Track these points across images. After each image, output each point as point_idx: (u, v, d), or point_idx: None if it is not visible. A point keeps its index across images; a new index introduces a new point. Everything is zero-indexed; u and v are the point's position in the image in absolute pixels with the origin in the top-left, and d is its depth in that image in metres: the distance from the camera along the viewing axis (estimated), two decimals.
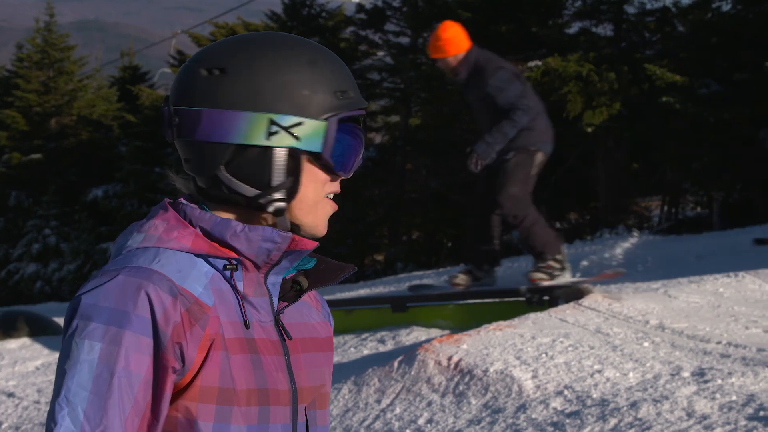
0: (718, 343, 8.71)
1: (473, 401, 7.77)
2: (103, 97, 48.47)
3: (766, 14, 26.43)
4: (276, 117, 2.18)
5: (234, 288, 2.19)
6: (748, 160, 27.01)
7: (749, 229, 23.85)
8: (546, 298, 10.82)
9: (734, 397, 6.79)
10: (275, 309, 2.25)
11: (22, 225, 46.13)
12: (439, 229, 35.38)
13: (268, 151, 2.20)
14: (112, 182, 44.64)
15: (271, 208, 2.22)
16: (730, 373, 7.40)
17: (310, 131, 2.20)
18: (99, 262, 43.53)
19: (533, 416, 7.19)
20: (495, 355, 8.38)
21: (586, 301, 10.23)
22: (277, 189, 2.22)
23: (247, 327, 2.17)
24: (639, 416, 6.67)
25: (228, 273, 2.19)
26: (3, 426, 10.37)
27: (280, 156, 2.20)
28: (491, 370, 8.07)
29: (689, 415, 6.57)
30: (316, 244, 2.21)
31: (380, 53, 39.33)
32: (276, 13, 40.16)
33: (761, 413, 6.31)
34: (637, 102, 28.51)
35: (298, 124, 2.20)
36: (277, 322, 2.25)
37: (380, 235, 36.21)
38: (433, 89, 33.50)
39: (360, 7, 38.19)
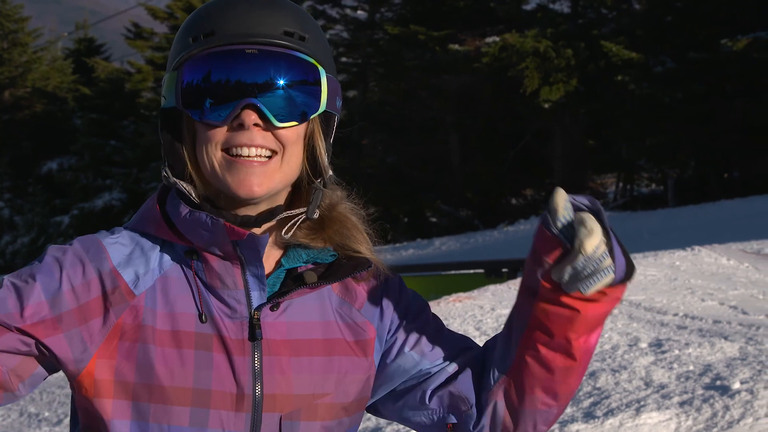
0: (675, 315, 8.82)
1: None
2: (57, 69, 48.07)
3: None
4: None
5: (194, 278, 1.95)
6: (702, 137, 27.25)
7: (703, 206, 24.09)
8: (505, 270, 10.90)
9: (691, 367, 6.89)
10: (254, 304, 1.95)
11: None
12: (396, 205, 35.44)
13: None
14: (66, 155, 44.33)
15: (167, 181, 1.97)
16: (687, 344, 7.50)
17: (166, 85, 1.95)
18: (53, 234, 43.24)
19: None
20: (455, 327, 8.43)
21: None
22: (163, 157, 2.00)
23: (202, 321, 1.92)
24: (597, 386, 6.74)
25: (189, 261, 1.95)
26: None
27: (161, 120, 1.99)
28: None
29: (647, 384, 6.66)
30: (246, 233, 1.87)
31: (337, 28, 39.24)
32: None
33: (718, 383, 6.40)
34: (594, 79, 28.68)
35: (163, 81, 1.99)
36: (251, 320, 1.94)
37: None
38: (391, 65, 33.48)
39: None
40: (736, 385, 6.18)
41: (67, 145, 43.65)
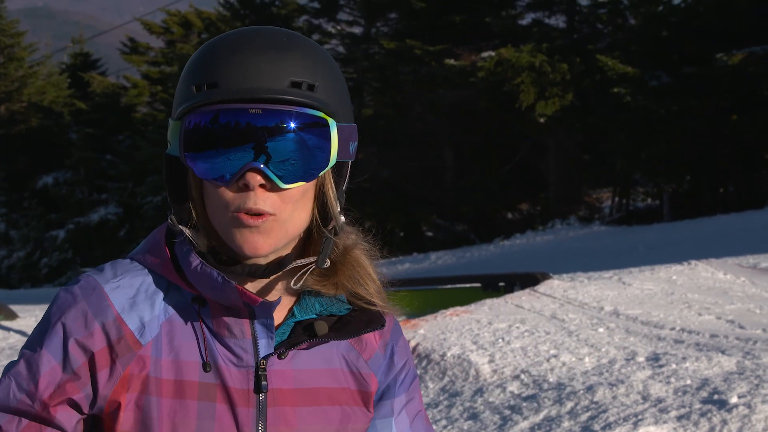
0: (672, 329, 8.82)
1: (431, 385, 7.82)
2: (53, 83, 48.05)
3: (715, 7, 26.68)
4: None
5: (201, 326, 1.92)
6: (697, 151, 27.30)
7: (699, 221, 24.11)
8: (502, 284, 10.90)
9: (688, 381, 6.88)
10: (260, 354, 1.92)
11: None
12: (390, 218, 35.45)
13: None
14: (62, 169, 44.33)
15: (173, 228, 1.93)
16: (684, 358, 7.49)
17: (170, 133, 1.89)
18: (49, 249, 43.21)
19: (490, 400, 7.24)
20: (452, 340, 8.43)
21: (541, 287, 10.32)
22: (169, 204, 1.95)
23: (206, 370, 1.89)
24: (595, 399, 6.74)
25: (196, 307, 1.92)
26: None
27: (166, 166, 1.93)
28: (448, 354, 8.12)
29: (644, 398, 6.65)
30: (259, 300, 1.86)
31: (333, 42, 39.30)
32: (229, 1, 39.96)
33: (715, 397, 6.39)
34: (589, 93, 28.73)
35: (168, 123, 1.92)
36: (258, 369, 1.92)
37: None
38: (386, 79, 33.52)
39: None
40: (734, 400, 6.18)
41: (63, 160, 43.65)
